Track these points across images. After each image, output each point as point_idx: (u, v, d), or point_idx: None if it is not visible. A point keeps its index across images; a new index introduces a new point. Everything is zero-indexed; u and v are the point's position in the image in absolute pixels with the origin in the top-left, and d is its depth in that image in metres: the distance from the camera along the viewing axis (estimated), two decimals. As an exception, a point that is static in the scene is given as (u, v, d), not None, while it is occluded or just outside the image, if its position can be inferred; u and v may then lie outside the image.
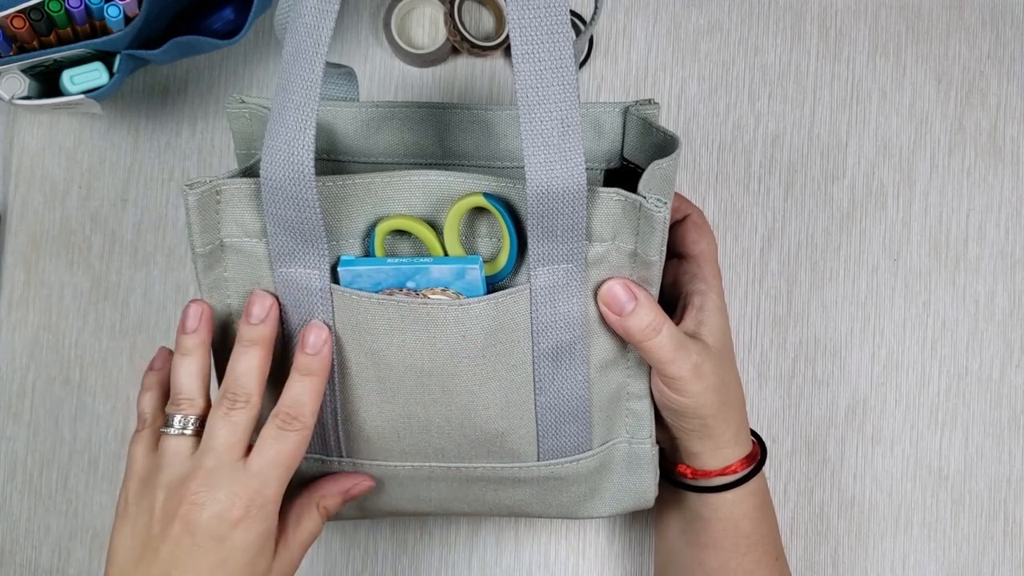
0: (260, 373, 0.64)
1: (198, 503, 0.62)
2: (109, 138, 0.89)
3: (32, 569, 0.86)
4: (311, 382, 0.64)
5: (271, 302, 0.64)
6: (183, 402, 0.65)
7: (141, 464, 0.66)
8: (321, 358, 0.64)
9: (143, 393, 0.69)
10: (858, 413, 0.89)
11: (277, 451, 0.63)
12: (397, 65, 0.90)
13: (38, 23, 0.77)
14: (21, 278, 0.88)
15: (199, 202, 0.62)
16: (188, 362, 0.66)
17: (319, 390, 0.65)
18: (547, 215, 0.61)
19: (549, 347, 0.66)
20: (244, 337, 0.64)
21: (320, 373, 0.64)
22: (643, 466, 0.72)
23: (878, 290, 0.90)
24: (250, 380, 0.64)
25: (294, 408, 0.64)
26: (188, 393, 0.65)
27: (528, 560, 0.87)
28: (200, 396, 0.66)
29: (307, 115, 0.58)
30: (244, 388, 0.64)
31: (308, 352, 0.64)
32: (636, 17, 0.91)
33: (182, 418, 0.65)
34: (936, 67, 0.91)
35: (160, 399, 0.69)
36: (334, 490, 0.70)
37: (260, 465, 0.63)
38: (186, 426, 0.65)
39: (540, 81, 0.58)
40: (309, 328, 0.64)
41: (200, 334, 0.66)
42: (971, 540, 0.88)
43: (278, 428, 0.64)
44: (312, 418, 0.65)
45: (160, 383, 0.69)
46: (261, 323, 0.64)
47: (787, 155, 0.90)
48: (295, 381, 0.64)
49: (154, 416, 0.68)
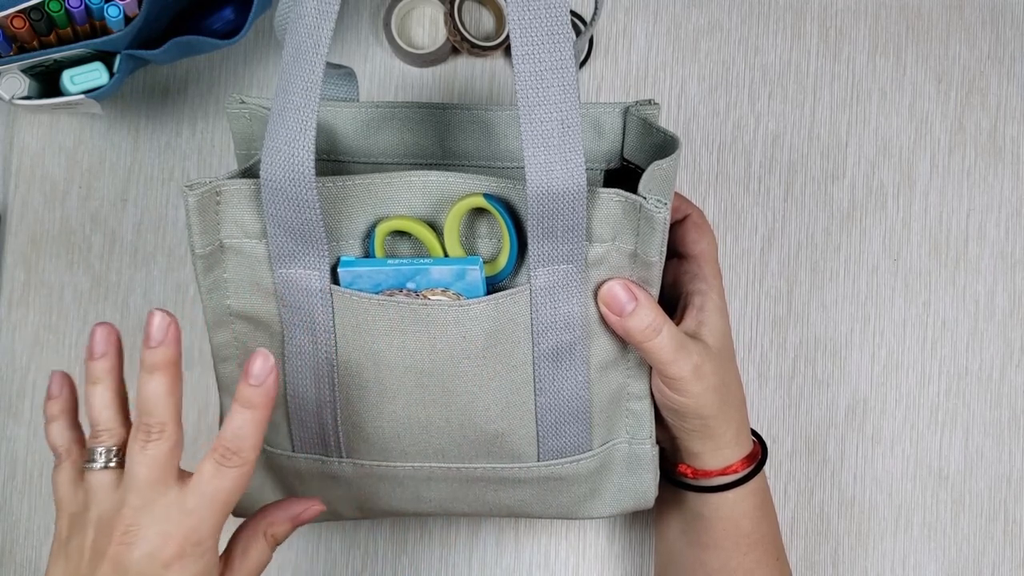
0: (171, 398, 0.60)
1: (127, 542, 0.58)
2: (109, 138, 0.89)
3: (32, 569, 0.86)
4: (253, 415, 0.59)
5: (168, 321, 0.60)
6: (102, 434, 0.62)
7: (68, 500, 0.63)
8: (264, 390, 0.59)
9: (49, 424, 0.65)
10: (858, 413, 0.89)
11: (215, 488, 0.59)
12: (397, 65, 0.90)
13: (38, 23, 0.77)
14: (21, 278, 0.88)
15: (199, 203, 0.62)
16: (100, 391, 0.63)
17: (262, 423, 0.60)
18: (547, 216, 0.61)
19: (549, 348, 0.66)
20: (146, 362, 0.60)
21: (263, 407, 0.59)
22: (643, 466, 0.72)
23: (878, 290, 0.90)
24: (161, 408, 0.60)
25: (234, 443, 0.59)
26: (106, 424, 0.62)
27: (528, 560, 0.87)
28: (119, 424, 0.63)
29: (307, 116, 0.58)
30: (157, 417, 0.59)
31: (251, 383, 0.59)
32: (636, 17, 0.91)
33: (104, 451, 0.61)
34: (936, 67, 0.91)
35: (69, 427, 0.65)
36: (282, 517, 0.66)
37: (195, 503, 0.59)
38: (110, 459, 0.61)
39: (540, 82, 0.58)
40: (254, 357, 0.59)
41: (109, 358, 0.63)
42: (971, 540, 0.88)
43: (216, 463, 0.59)
44: (254, 452, 0.60)
45: (64, 411, 0.66)
46: (160, 345, 0.59)
47: (787, 155, 0.90)
48: (236, 413, 0.59)
49: (68, 447, 0.65)
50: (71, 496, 0.63)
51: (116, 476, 0.61)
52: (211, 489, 0.59)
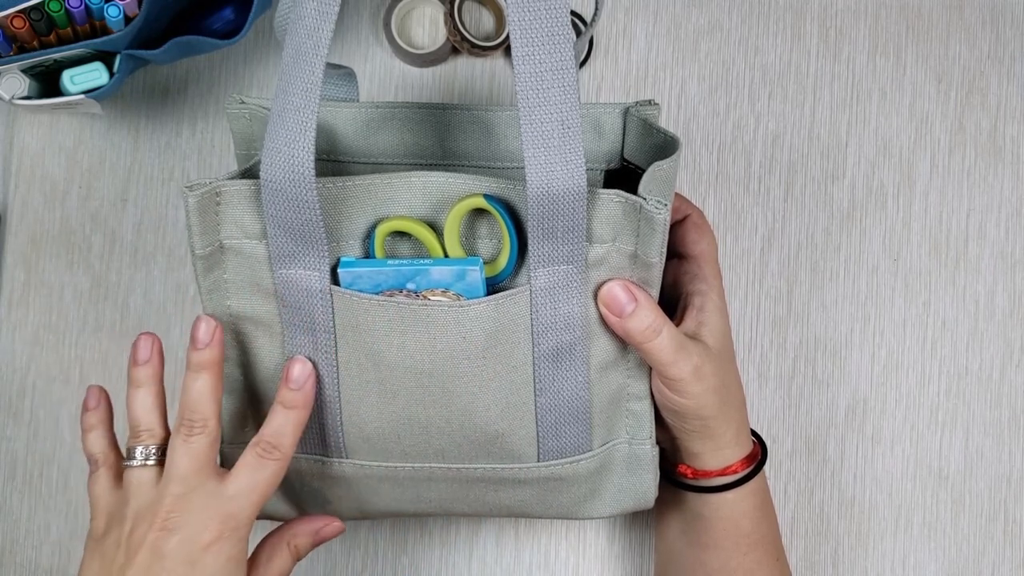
0: (213, 396, 0.65)
1: (168, 528, 0.62)
2: (109, 138, 0.89)
3: (32, 569, 0.86)
4: (294, 415, 0.65)
5: (215, 325, 0.65)
6: (143, 433, 0.66)
7: (106, 501, 0.66)
8: (304, 393, 0.65)
9: (87, 434, 0.69)
10: (858, 413, 0.89)
11: (255, 478, 0.64)
12: (397, 65, 0.90)
13: (38, 23, 0.77)
14: (21, 278, 0.88)
15: (199, 204, 0.62)
16: (142, 394, 0.66)
17: (301, 423, 0.65)
18: (547, 217, 0.61)
19: (549, 348, 0.66)
20: (192, 362, 0.65)
21: (303, 407, 0.65)
22: (643, 467, 0.72)
23: (878, 290, 0.90)
24: (204, 404, 0.64)
25: (275, 438, 0.65)
26: (147, 424, 0.66)
27: (528, 560, 0.87)
28: (159, 426, 0.66)
29: (307, 117, 0.58)
30: (200, 413, 0.64)
31: (291, 387, 0.65)
32: (636, 17, 0.91)
33: (144, 449, 0.65)
34: (936, 67, 0.91)
35: (106, 436, 0.69)
36: (306, 530, 0.69)
37: (236, 489, 0.64)
38: (148, 456, 0.65)
39: (540, 83, 0.58)
40: (293, 363, 0.65)
41: (152, 365, 0.67)
42: (971, 540, 0.88)
43: (258, 456, 0.64)
44: (291, 449, 0.65)
45: (102, 420, 0.69)
46: (207, 347, 0.65)
47: (787, 155, 0.90)
48: (278, 413, 0.65)
49: (105, 454, 0.68)
50: (107, 496, 0.66)
51: (155, 473, 0.65)
52: (251, 479, 0.64)
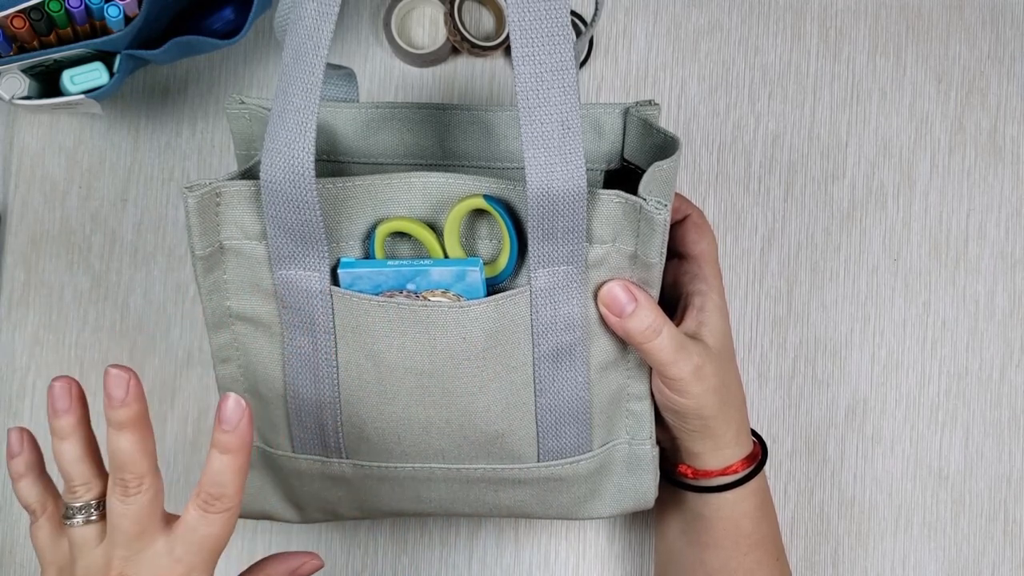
0: (143, 452, 0.58)
1: None
2: (109, 138, 0.89)
3: (32, 569, 0.86)
4: (230, 460, 0.58)
5: (128, 377, 0.57)
6: (78, 489, 0.60)
7: (52, 553, 0.62)
8: (239, 433, 0.58)
9: (18, 482, 0.63)
10: (858, 413, 0.89)
11: (202, 535, 0.58)
12: (397, 65, 0.90)
13: (38, 23, 0.77)
14: (21, 278, 0.88)
15: (199, 204, 0.62)
16: (69, 447, 0.60)
17: (242, 468, 0.59)
18: (547, 217, 0.61)
19: (549, 349, 0.66)
20: (111, 420, 0.57)
21: (239, 450, 0.58)
22: (643, 467, 0.72)
23: (878, 290, 0.90)
24: (136, 464, 0.58)
25: (215, 488, 0.58)
26: (81, 478, 0.60)
27: (528, 560, 0.87)
28: (93, 476, 0.61)
29: (307, 118, 0.58)
30: (133, 472, 0.58)
31: (224, 428, 0.58)
32: (636, 17, 0.91)
33: (83, 507, 0.60)
34: (936, 67, 0.91)
35: (39, 482, 0.63)
36: (281, 570, 0.66)
37: (184, 550, 0.58)
38: (90, 514, 0.60)
39: (540, 83, 0.58)
40: (224, 400, 0.58)
41: (74, 412, 0.60)
42: (971, 540, 0.88)
43: (201, 510, 0.58)
44: (237, 497, 0.59)
45: (30, 466, 0.63)
46: (124, 405, 0.57)
47: (787, 155, 0.90)
48: (214, 459, 0.58)
49: (42, 503, 0.63)
50: (54, 549, 0.62)
51: (98, 529, 0.60)
52: (198, 536, 0.59)
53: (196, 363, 0.87)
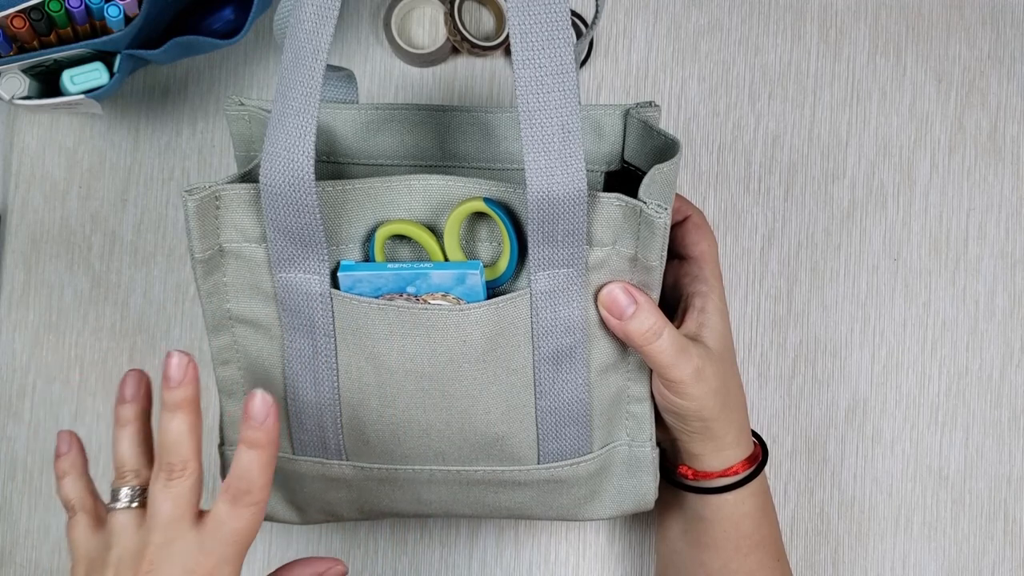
0: (192, 436, 0.61)
1: None
2: (109, 138, 0.89)
3: (32, 569, 0.86)
4: (258, 455, 0.60)
5: (187, 361, 0.60)
6: (128, 474, 0.63)
7: (86, 547, 0.63)
8: (266, 429, 0.60)
9: (61, 480, 0.66)
10: (858, 413, 0.89)
11: (231, 528, 0.60)
12: (397, 65, 0.90)
13: (38, 23, 0.77)
14: (21, 278, 0.88)
15: (198, 208, 0.62)
16: (128, 434, 0.63)
17: (269, 462, 0.60)
18: (548, 220, 0.61)
19: (550, 351, 0.66)
20: (167, 401, 0.60)
21: (267, 445, 0.60)
22: (643, 469, 0.72)
23: (878, 290, 0.90)
24: (183, 446, 0.60)
25: (243, 482, 0.60)
26: (132, 464, 0.63)
27: (528, 560, 0.87)
28: (144, 466, 0.63)
29: (307, 120, 0.58)
30: (179, 455, 0.60)
31: (252, 424, 0.60)
32: (636, 17, 0.91)
33: (129, 491, 0.62)
34: (936, 67, 0.91)
35: (81, 480, 0.66)
36: (307, 573, 0.67)
37: (213, 543, 0.60)
38: (133, 499, 0.62)
39: (541, 87, 0.58)
40: (251, 398, 0.60)
41: (138, 403, 0.64)
42: (971, 540, 0.88)
43: (230, 504, 0.60)
44: (265, 491, 0.60)
45: (74, 465, 0.66)
46: (180, 385, 0.60)
47: (787, 155, 0.90)
48: (242, 453, 0.60)
49: (82, 500, 0.65)
50: (87, 542, 0.63)
51: (139, 516, 0.62)
52: (227, 530, 0.60)
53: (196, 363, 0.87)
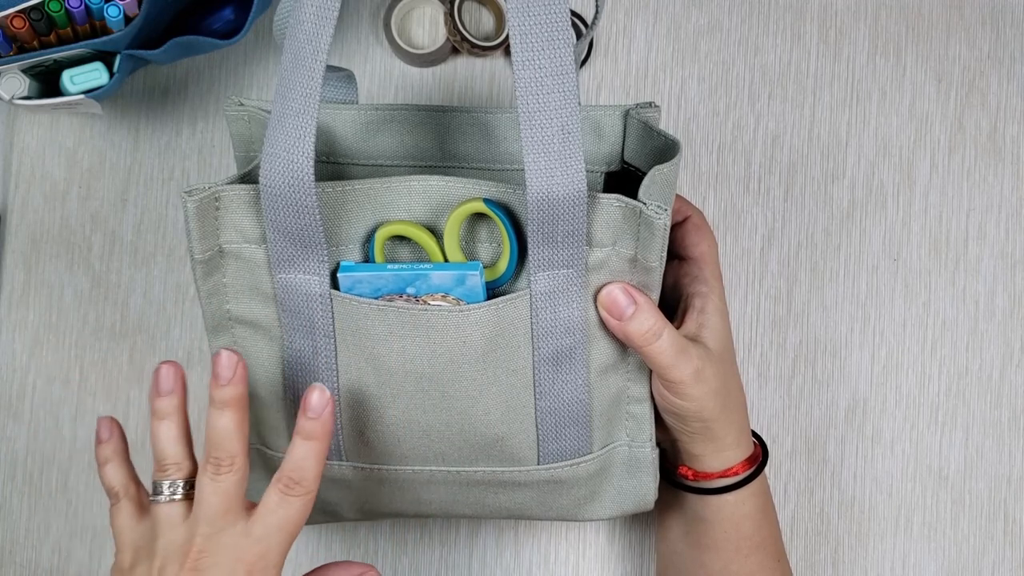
0: (240, 433, 0.62)
1: (199, 569, 0.60)
2: (109, 138, 0.89)
3: (32, 569, 0.86)
4: (313, 446, 0.62)
5: (237, 360, 0.62)
6: (169, 467, 0.63)
7: (131, 534, 0.64)
8: (323, 422, 0.62)
9: (104, 467, 0.67)
10: (858, 413, 0.89)
11: (281, 517, 0.61)
12: (397, 65, 0.90)
13: (38, 23, 0.77)
14: (21, 278, 0.88)
15: (198, 209, 0.62)
16: (167, 426, 0.64)
17: (322, 454, 0.62)
18: (547, 221, 0.61)
19: (549, 352, 0.66)
20: (215, 399, 0.62)
21: (323, 438, 0.62)
22: (643, 469, 0.72)
23: (878, 290, 0.90)
24: (231, 442, 0.62)
25: (296, 473, 0.62)
26: (174, 458, 0.64)
27: (528, 560, 0.87)
28: (186, 458, 0.64)
29: (306, 121, 0.58)
30: (227, 451, 0.61)
31: (310, 416, 0.62)
32: (636, 17, 0.91)
33: (171, 484, 0.63)
34: (936, 67, 0.91)
35: (123, 467, 0.67)
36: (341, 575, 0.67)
37: (263, 531, 0.61)
38: (176, 491, 0.63)
39: (540, 88, 0.58)
40: (311, 391, 0.62)
41: (176, 395, 0.64)
42: (971, 540, 0.88)
43: (281, 493, 0.62)
44: (316, 483, 0.62)
45: (116, 451, 0.67)
46: (229, 384, 0.61)
47: (787, 155, 0.90)
48: (297, 445, 0.62)
49: (125, 486, 0.66)
50: (132, 530, 0.64)
51: (183, 508, 0.63)
52: (277, 518, 0.61)
53: (196, 363, 0.87)
